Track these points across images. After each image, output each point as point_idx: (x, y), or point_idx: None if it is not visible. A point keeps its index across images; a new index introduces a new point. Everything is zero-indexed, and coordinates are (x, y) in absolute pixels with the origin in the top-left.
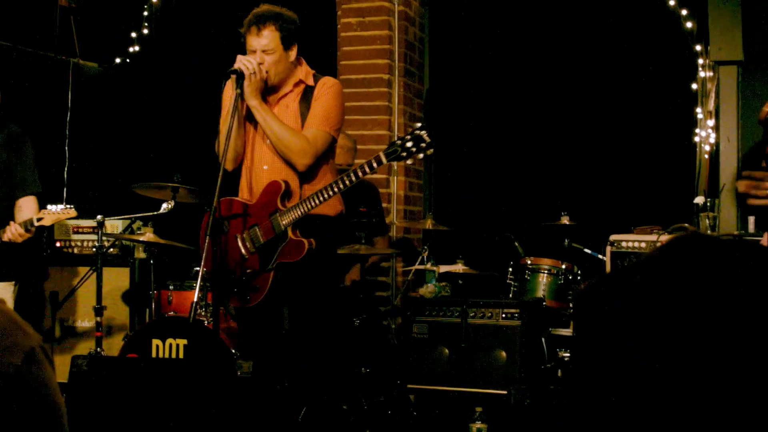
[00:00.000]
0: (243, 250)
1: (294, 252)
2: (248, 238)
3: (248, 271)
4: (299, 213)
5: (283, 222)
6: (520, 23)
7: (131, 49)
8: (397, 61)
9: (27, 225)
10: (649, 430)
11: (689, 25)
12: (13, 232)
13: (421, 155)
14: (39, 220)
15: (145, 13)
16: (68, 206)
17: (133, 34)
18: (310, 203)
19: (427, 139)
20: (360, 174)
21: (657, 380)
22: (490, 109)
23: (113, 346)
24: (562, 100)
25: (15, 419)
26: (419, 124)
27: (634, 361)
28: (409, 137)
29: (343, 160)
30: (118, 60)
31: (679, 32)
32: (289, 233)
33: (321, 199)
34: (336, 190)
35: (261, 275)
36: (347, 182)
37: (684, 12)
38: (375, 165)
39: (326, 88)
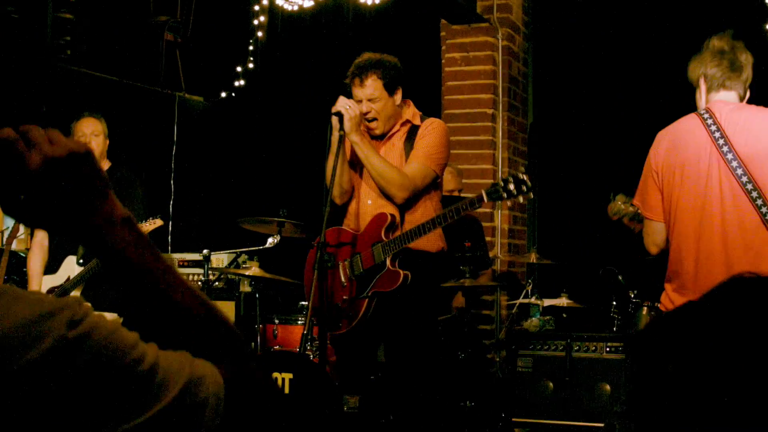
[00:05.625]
0: (343, 278)
1: (389, 282)
2: (349, 265)
3: (344, 297)
4: (399, 244)
5: (384, 252)
6: (623, 56)
7: (237, 84)
8: (501, 96)
9: None
10: None
11: None
12: None
13: (521, 198)
14: None
15: (251, 48)
16: (154, 218)
17: (239, 69)
18: (410, 236)
19: (530, 184)
20: (461, 211)
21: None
22: (594, 143)
23: None
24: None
25: (81, 388)
26: (523, 168)
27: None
28: (512, 179)
29: (453, 186)
30: (223, 94)
31: None
32: (388, 263)
33: (421, 232)
34: (436, 224)
35: (355, 303)
36: (448, 218)
37: None
38: (477, 203)
39: (431, 127)
